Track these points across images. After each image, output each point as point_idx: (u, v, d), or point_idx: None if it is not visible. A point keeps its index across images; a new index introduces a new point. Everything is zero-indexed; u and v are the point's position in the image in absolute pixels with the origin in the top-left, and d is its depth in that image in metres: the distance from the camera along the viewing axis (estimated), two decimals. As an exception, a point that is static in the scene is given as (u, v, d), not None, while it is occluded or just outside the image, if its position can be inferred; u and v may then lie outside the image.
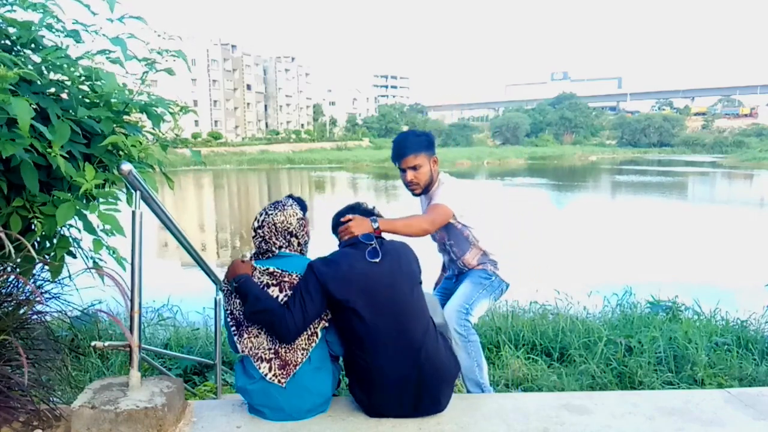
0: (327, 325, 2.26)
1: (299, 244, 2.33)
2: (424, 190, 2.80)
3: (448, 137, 73.49)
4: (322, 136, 78.30)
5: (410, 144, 2.72)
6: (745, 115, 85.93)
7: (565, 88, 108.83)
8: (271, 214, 2.29)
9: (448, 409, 2.36)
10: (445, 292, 3.06)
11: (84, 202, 2.12)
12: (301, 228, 2.32)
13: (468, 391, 2.83)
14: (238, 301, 2.24)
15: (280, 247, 2.29)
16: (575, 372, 3.81)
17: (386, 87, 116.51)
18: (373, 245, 2.26)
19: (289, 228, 2.28)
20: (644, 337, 4.10)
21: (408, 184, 2.80)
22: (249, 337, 2.21)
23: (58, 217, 1.98)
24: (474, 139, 79.76)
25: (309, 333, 2.21)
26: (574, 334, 4.38)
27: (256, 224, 2.31)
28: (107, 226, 2.20)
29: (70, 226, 2.27)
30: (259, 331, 2.20)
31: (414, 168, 2.72)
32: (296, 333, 2.16)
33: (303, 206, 2.39)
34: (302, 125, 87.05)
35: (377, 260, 2.22)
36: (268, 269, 2.24)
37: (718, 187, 31.84)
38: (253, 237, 2.33)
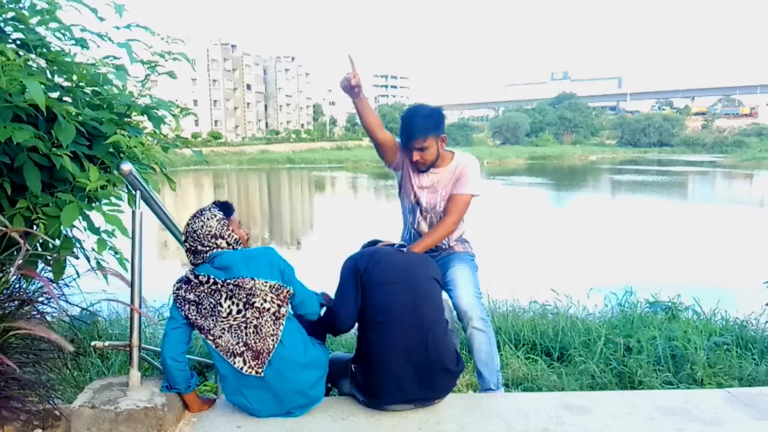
0: (290, 309, 2.29)
1: (228, 243, 2.29)
2: (430, 165, 2.79)
3: (448, 137, 72.34)
4: (322, 136, 78.23)
5: (417, 128, 2.68)
6: (745, 115, 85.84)
7: (565, 88, 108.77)
8: (191, 224, 2.27)
9: (448, 409, 2.37)
10: None
11: (87, 203, 2.13)
12: (224, 228, 2.28)
13: (483, 380, 2.81)
14: (192, 306, 2.20)
15: (209, 251, 2.25)
16: (575, 372, 3.81)
17: (386, 87, 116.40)
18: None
19: (210, 231, 2.25)
20: (644, 336, 4.10)
21: (414, 163, 2.78)
22: (214, 339, 2.19)
23: (63, 219, 1.99)
24: (474, 138, 79.62)
25: (274, 318, 2.19)
26: (574, 333, 4.38)
27: (183, 239, 2.30)
28: (110, 227, 2.20)
29: (73, 226, 2.28)
30: (223, 330, 2.18)
31: (421, 149, 2.70)
32: (349, 323, 2.37)
33: (227, 209, 2.35)
34: (302, 125, 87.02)
35: (404, 250, 2.59)
36: (209, 278, 2.20)
37: (718, 187, 31.83)
38: (186, 252, 2.31)
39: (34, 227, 2.06)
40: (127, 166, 2.06)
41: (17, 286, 2.11)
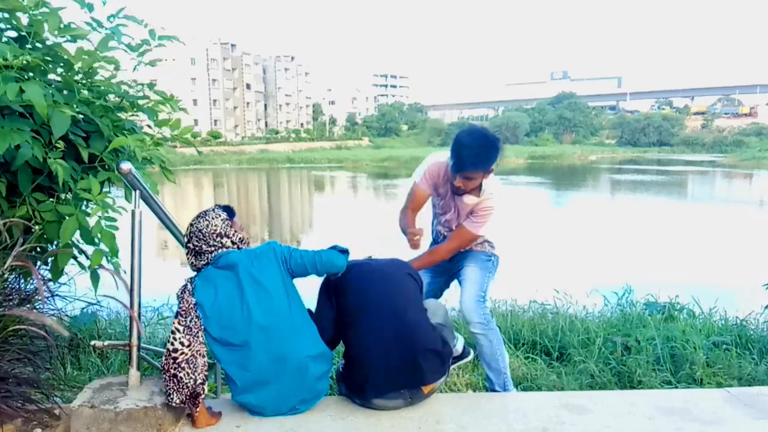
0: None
1: (233, 242, 2.28)
2: (469, 191, 2.72)
3: (448, 137, 73.20)
4: (322, 136, 78.17)
5: (475, 162, 2.56)
6: (745, 115, 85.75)
7: (564, 88, 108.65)
8: (195, 224, 2.26)
9: (447, 408, 2.36)
10: (442, 270, 3.01)
11: (85, 208, 2.13)
12: (229, 227, 2.29)
13: (490, 382, 2.82)
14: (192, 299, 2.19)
15: (215, 250, 2.25)
16: (574, 371, 3.81)
17: (386, 86, 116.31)
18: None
19: (216, 230, 2.24)
20: (643, 336, 4.10)
21: (455, 187, 2.70)
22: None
23: (62, 234, 2.03)
24: (474, 138, 79.59)
25: None
26: (573, 333, 4.38)
27: (185, 240, 2.28)
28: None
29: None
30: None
31: (466, 178, 2.62)
32: (331, 341, 2.39)
33: (230, 212, 2.35)
34: (302, 124, 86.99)
35: (371, 256, 2.61)
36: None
37: (717, 187, 31.84)
38: (187, 254, 2.29)
39: (31, 230, 2.07)
40: (126, 166, 2.06)
41: (15, 285, 2.11)
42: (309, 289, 2.53)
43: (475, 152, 2.54)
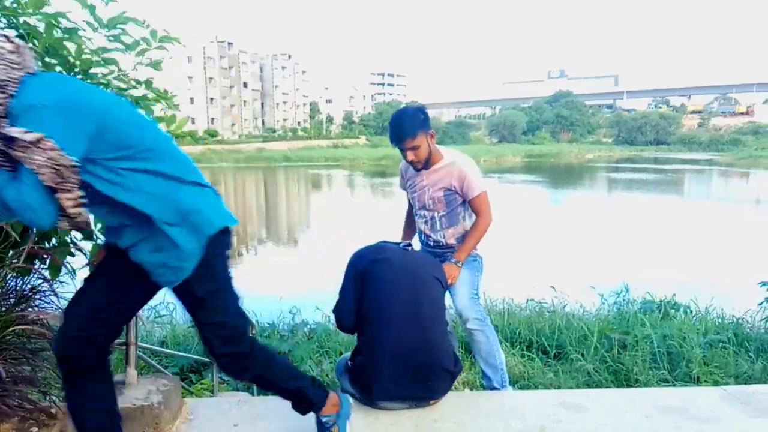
0: None
1: None
2: (425, 164, 2.88)
3: (445, 135, 73.29)
4: (319, 134, 78.12)
5: (406, 128, 2.78)
6: (742, 113, 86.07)
7: (561, 86, 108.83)
8: None
9: (445, 407, 2.36)
10: None
11: None
12: None
13: (487, 379, 2.83)
14: None
15: None
16: (571, 369, 3.82)
17: (383, 85, 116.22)
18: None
19: None
20: (640, 334, 4.11)
21: (410, 163, 2.90)
22: None
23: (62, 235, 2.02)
24: (471, 136, 79.71)
25: None
26: (570, 331, 4.39)
27: None
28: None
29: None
30: None
31: (413, 149, 2.80)
32: (347, 318, 2.40)
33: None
34: (299, 123, 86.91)
35: (409, 249, 2.58)
36: None
37: (714, 185, 31.93)
38: None
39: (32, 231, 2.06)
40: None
41: (13, 284, 2.11)
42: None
43: (400, 122, 2.81)
